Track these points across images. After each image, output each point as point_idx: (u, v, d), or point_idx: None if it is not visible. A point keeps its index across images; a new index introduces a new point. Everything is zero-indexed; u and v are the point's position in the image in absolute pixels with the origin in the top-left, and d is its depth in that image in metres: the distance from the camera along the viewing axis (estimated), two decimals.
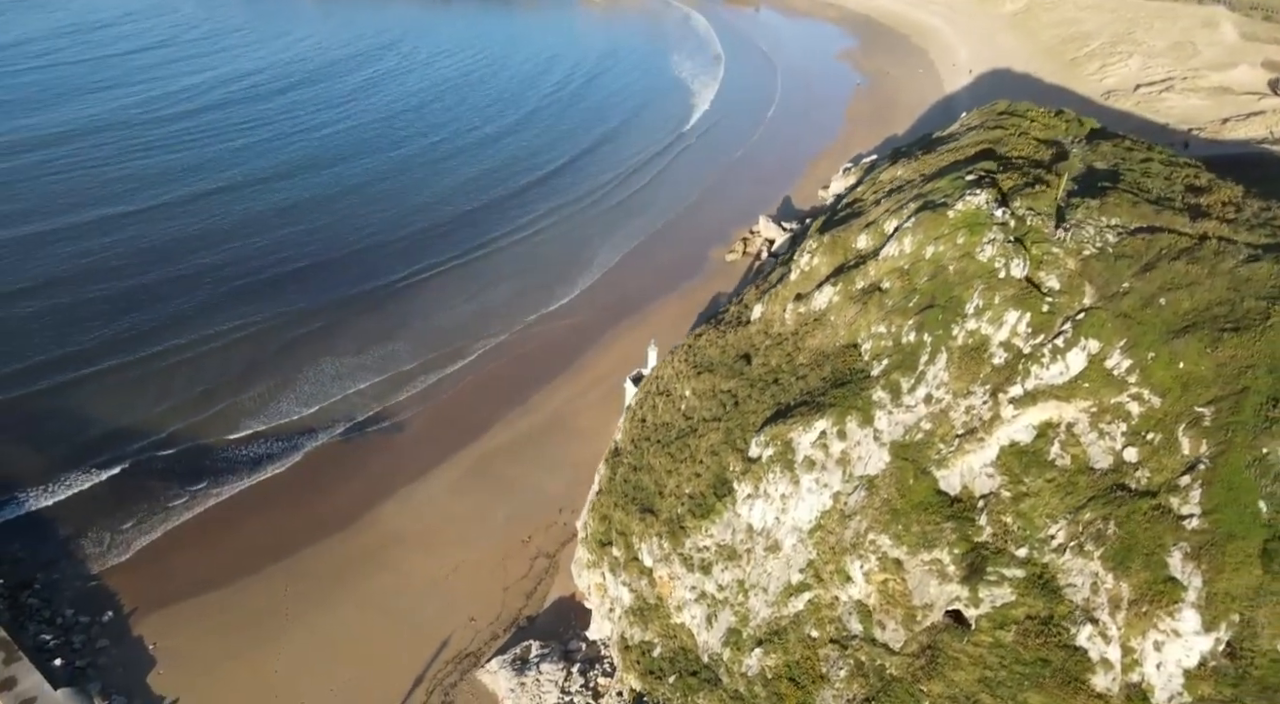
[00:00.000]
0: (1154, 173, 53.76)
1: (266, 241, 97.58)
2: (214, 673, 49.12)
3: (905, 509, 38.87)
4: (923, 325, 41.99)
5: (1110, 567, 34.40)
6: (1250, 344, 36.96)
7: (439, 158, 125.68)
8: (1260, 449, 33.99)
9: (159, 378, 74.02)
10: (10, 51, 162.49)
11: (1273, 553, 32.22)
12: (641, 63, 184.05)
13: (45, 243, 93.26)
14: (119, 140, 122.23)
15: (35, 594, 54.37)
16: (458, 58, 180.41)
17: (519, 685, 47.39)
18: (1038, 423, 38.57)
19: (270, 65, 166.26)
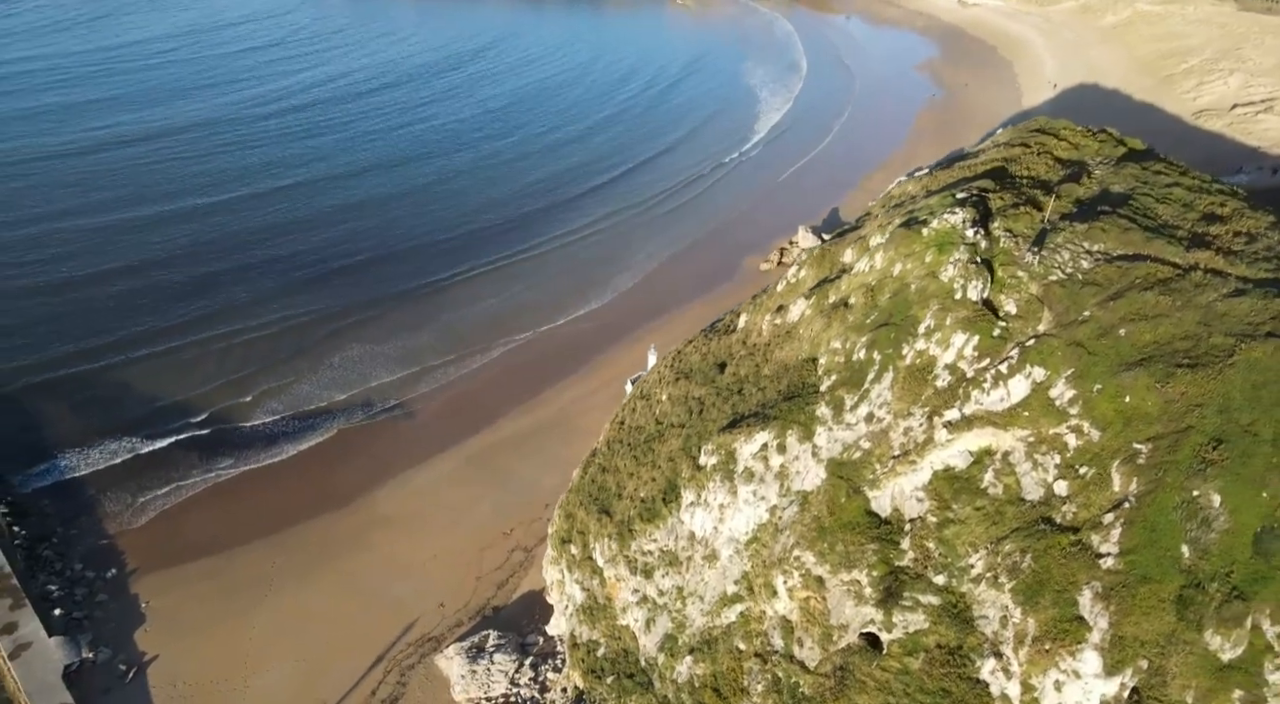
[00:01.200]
0: (1173, 198, 51.86)
1: (330, 236, 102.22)
2: (194, 635, 52.48)
3: (832, 527, 38.87)
4: (874, 343, 41.82)
5: (1020, 601, 33.78)
6: (1204, 382, 35.67)
7: (506, 161, 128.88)
8: (1191, 491, 32.90)
9: (212, 360, 78.73)
10: (131, 49, 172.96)
11: (1188, 600, 31.20)
12: (722, 70, 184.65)
13: (133, 230, 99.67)
14: (211, 136, 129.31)
15: (51, 547, 59.15)
16: (543, 64, 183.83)
17: (470, 673, 49.11)
18: (975, 449, 38.02)
19: (362, 68, 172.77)
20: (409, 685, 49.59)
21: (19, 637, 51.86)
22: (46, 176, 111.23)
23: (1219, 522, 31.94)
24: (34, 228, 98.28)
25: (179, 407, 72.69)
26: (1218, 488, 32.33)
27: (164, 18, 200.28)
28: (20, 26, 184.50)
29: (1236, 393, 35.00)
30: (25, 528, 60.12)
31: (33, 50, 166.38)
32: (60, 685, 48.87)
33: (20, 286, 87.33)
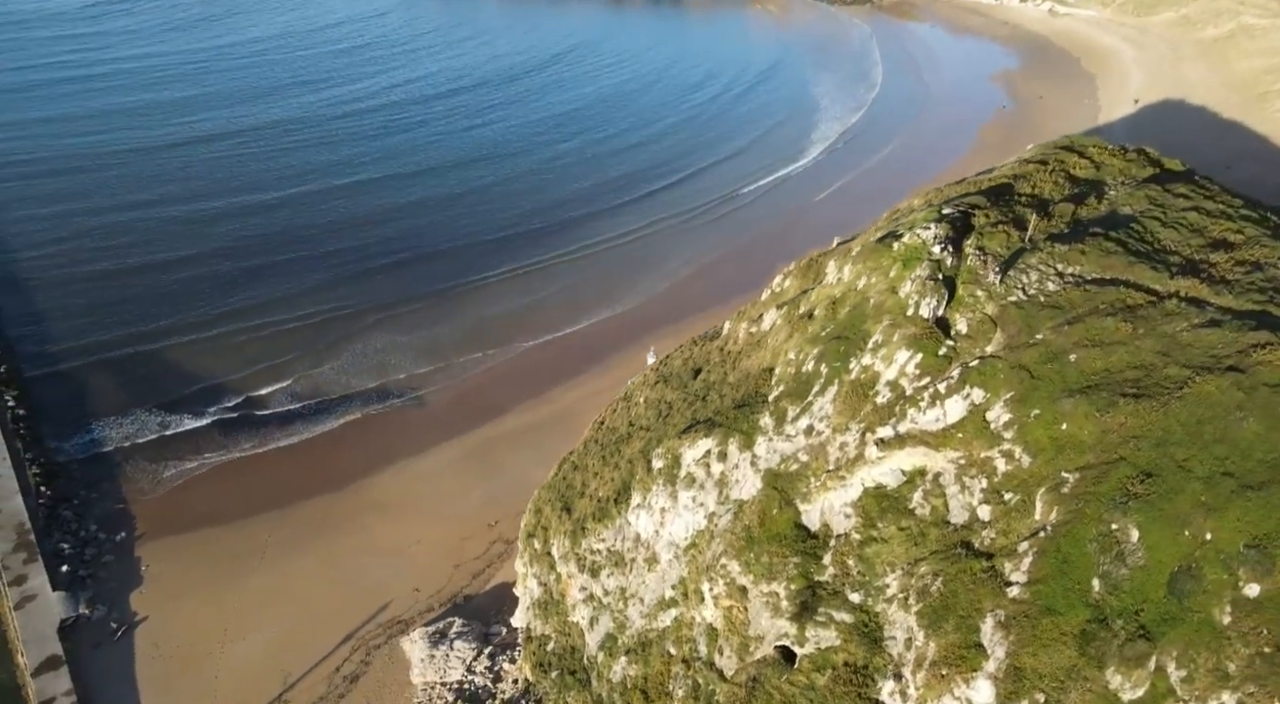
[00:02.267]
0: (1184, 223, 50.18)
1: (381, 234, 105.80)
2: (183, 600, 55.71)
3: (760, 538, 39.17)
4: (823, 356, 41.90)
5: (924, 624, 33.56)
6: (1146, 413, 34.78)
7: (562, 166, 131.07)
8: (1110, 524, 32.24)
9: (255, 346, 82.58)
10: (230, 49, 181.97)
11: (1092, 635, 30.60)
12: (796, 77, 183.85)
13: (201, 221, 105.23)
14: (286, 135, 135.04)
15: (72, 508, 63.51)
16: (618, 69, 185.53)
17: (429, 657, 50.92)
18: (909, 468, 37.85)
19: (441, 70, 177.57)
20: (372, 665, 51.71)
21: (26, 589, 56.09)
22: (132, 169, 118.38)
23: (1134, 557, 31.25)
24: (114, 216, 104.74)
25: (217, 389, 76.66)
26: (1137, 523, 31.62)
27: (267, 19, 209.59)
28: (137, 26, 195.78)
29: (1178, 426, 34.09)
30: (52, 489, 64.80)
31: (144, 49, 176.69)
32: (54, 638, 52.69)
33: (93, 270, 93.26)
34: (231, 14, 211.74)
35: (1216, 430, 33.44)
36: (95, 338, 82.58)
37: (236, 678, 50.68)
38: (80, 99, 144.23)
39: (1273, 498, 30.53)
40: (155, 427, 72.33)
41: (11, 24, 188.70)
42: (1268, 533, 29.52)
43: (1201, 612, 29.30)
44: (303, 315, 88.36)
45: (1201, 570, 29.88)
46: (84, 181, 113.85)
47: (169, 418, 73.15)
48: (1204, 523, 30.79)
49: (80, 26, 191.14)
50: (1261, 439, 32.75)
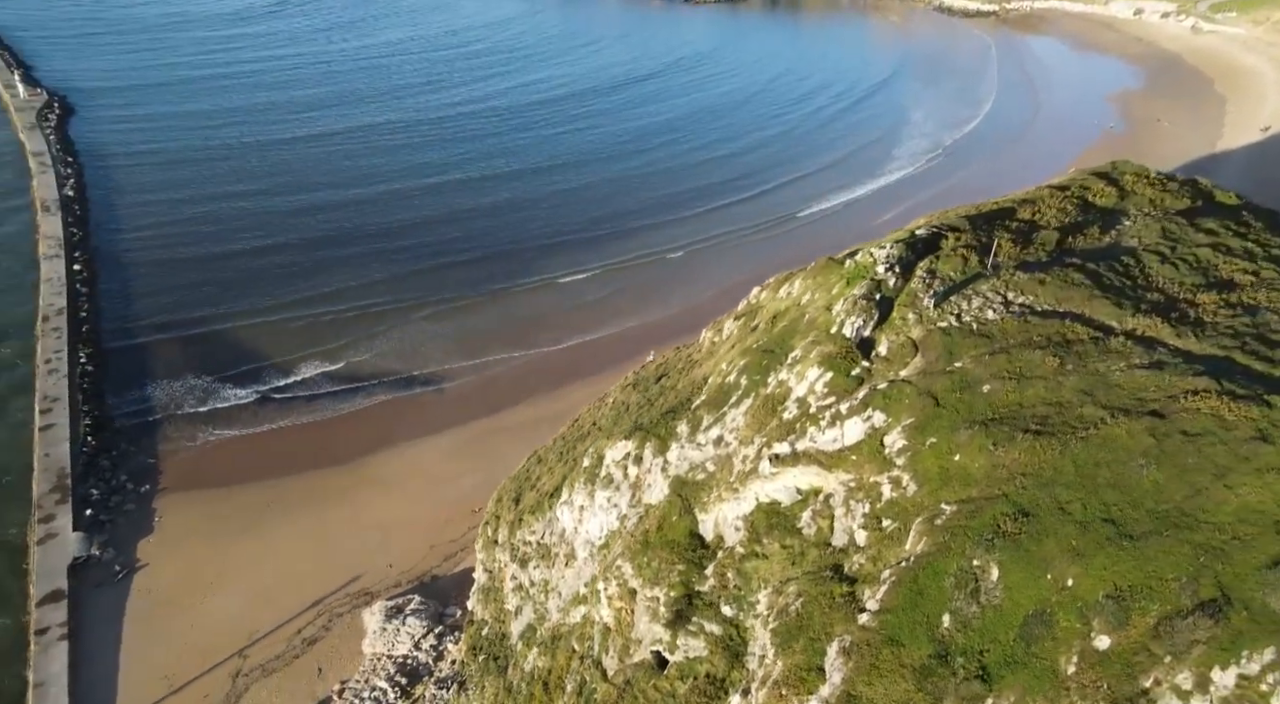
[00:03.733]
0: (1190, 259, 47.38)
1: (456, 233, 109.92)
2: (182, 550, 60.03)
3: (655, 543, 39.45)
4: (746, 368, 41.82)
5: (777, 642, 33.20)
6: (1042, 451, 33.37)
7: (644, 176, 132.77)
8: (972, 560, 31.25)
9: (316, 331, 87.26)
10: (360, 52, 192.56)
11: (930, 671, 29.73)
12: (903, 91, 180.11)
13: (292, 213, 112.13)
14: (388, 135, 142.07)
15: (110, 459, 69.35)
16: (726, 80, 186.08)
17: (381, 630, 53.27)
18: (805, 487, 37.45)
19: (551, 77, 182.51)
20: (331, 631, 54.46)
21: (52, 527, 61.84)
22: (241, 162, 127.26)
23: (990, 596, 30.20)
24: (215, 205, 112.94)
25: (268, 368, 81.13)
26: (999, 561, 30.53)
27: (402, 25, 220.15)
28: (283, 29, 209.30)
29: (1071, 468, 32.67)
30: (98, 440, 71.00)
31: (281, 51, 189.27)
32: (63, 573, 57.83)
33: (184, 253, 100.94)
34: (370, 20, 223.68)
35: (1112, 475, 31.95)
36: (171, 314, 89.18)
37: (209, 628, 54.38)
38: (214, 96, 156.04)
39: (1147, 550, 29.06)
40: (202, 397, 77.44)
41: (173, 26, 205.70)
42: (1132, 585, 28.17)
43: (1047, 659, 28.24)
44: (362, 306, 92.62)
45: (1055, 617, 28.74)
46: (196, 172, 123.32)
47: (217, 390, 78.12)
48: (1068, 568, 29.56)
49: (232, 28, 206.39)
50: (1157, 489, 31.15)
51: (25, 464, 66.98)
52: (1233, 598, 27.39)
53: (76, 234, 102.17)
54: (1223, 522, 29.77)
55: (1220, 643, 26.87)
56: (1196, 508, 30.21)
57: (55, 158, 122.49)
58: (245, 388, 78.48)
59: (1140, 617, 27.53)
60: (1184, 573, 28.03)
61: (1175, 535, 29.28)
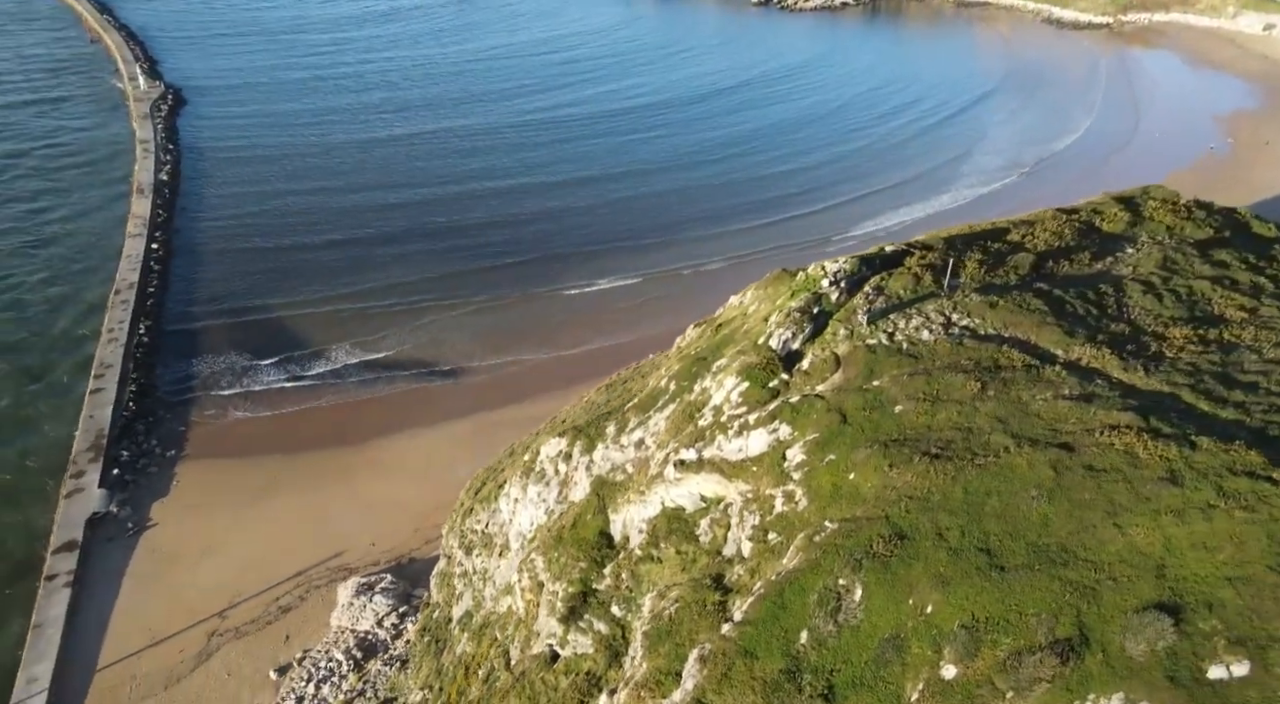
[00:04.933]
0: (1184, 291, 44.94)
1: (511, 235, 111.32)
2: (190, 514, 63.23)
3: (567, 539, 39.57)
4: (678, 374, 41.59)
5: (646, 645, 32.94)
6: (936, 476, 32.24)
7: (709, 187, 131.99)
8: (838, 579, 30.43)
9: (361, 322, 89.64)
10: (460, 56, 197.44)
11: (778, 686, 29.10)
12: (998, 107, 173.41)
13: (361, 210, 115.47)
14: (467, 138, 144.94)
15: (146, 424, 73.58)
16: (814, 92, 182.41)
17: (349, 605, 54.90)
18: (710, 494, 37.01)
19: (638, 85, 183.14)
20: (307, 601, 56.46)
21: (81, 482, 66.16)
22: (324, 160, 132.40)
23: (850, 617, 29.45)
24: (291, 199, 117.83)
25: (309, 355, 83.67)
26: (864, 582, 29.74)
27: (505, 30, 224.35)
28: (391, 34, 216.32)
29: (961, 494, 31.54)
30: (138, 406, 75.59)
31: (386, 54, 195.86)
32: (81, 526, 61.76)
33: (255, 244, 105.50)
34: (473, 26, 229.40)
35: (1001, 505, 30.78)
36: (230, 298, 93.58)
37: (199, 588, 57.17)
38: (311, 97, 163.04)
39: (1014, 583, 27.95)
40: (241, 376, 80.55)
41: (291, 29, 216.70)
42: (989, 617, 27.19)
43: (894, 684, 27.45)
44: (409, 301, 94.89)
45: (908, 642, 27.93)
46: (280, 168, 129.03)
47: (255, 371, 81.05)
48: (930, 595, 28.65)
49: (342, 32, 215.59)
50: (1044, 522, 29.90)
51: (72, 423, 71.86)
52: (1091, 639, 26.05)
53: (162, 216, 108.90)
54: (1103, 561, 28.31)
55: (1066, 683, 25.60)
56: (1079, 544, 28.78)
57: (158, 145, 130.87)
58: (281, 371, 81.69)
59: (990, 649, 26.44)
60: (1045, 609, 26.78)
61: (1048, 571, 27.97)
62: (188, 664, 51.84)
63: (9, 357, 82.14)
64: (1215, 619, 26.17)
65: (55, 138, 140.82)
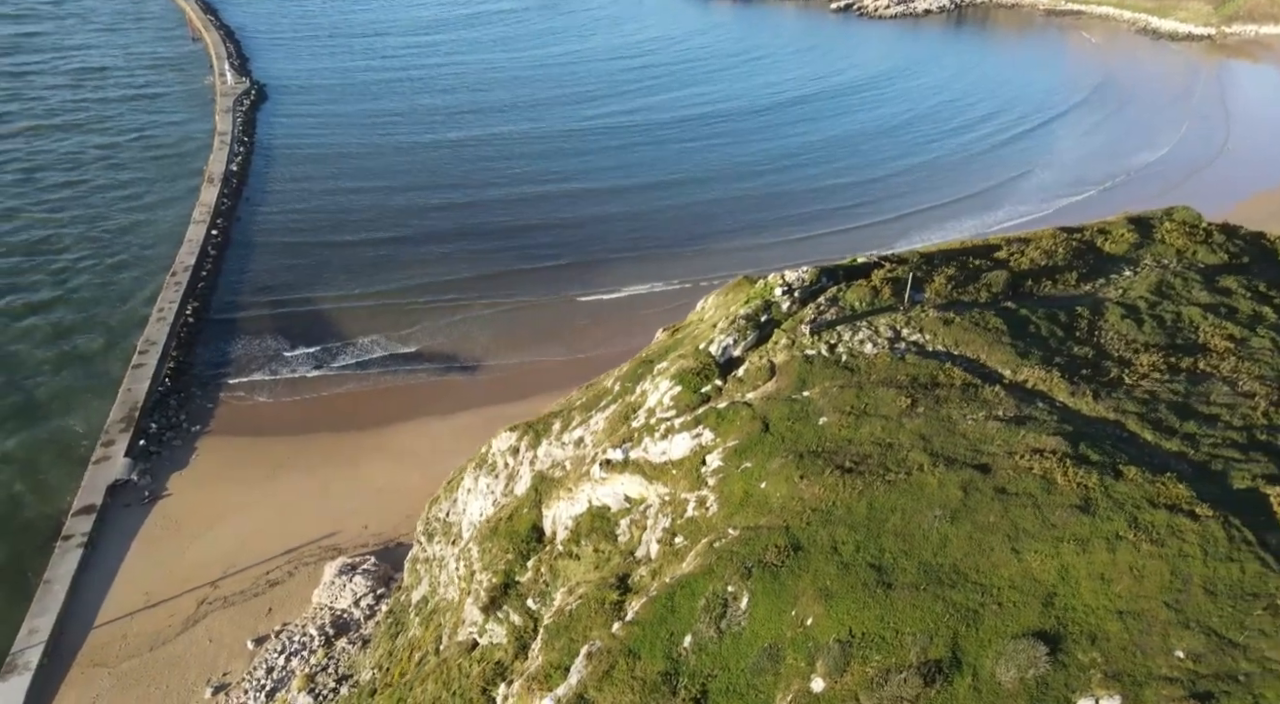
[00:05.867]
0: (1169, 317, 42.91)
1: (553, 239, 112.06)
2: (203, 486, 65.70)
3: (501, 531, 39.91)
4: (625, 375, 41.55)
5: (545, 638, 33.01)
6: (843, 489, 31.58)
7: (769, 196, 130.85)
8: (728, 586, 30.09)
9: (396, 317, 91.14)
10: (536, 60, 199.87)
11: (655, 687, 28.92)
12: (1080, 122, 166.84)
13: (420, 210, 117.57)
14: (535, 142, 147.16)
15: (177, 399, 77.09)
16: (890, 104, 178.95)
17: (331, 583, 56.33)
18: (635, 495, 36.89)
19: (708, 93, 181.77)
20: (294, 577, 58.14)
21: (109, 451, 69.53)
22: (389, 160, 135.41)
23: (734, 624, 29.18)
24: (350, 197, 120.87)
25: (340, 345, 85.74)
26: (752, 591, 29.42)
27: (581, 36, 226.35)
28: (473, 38, 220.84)
29: (864, 509, 30.92)
30: (174, 382, 79.30)
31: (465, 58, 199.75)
32: (101, 491, 64.83)
33: (305, 238, 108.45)
34: (552, 32, 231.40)
35: (901, 523, 30.12)
36: (275, 287, 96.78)
37: (197, 557, 59.50)
38: (384, 98, 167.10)
39: (897, 601, 27.43)
40: (273, 360, 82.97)
41: (376, 32, 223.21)
42: (865, 633, 26.83)
43: (765, 694, 27.25)
44: (446, 299, 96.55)
45: (784, 653, 27.63)
46: (344, 166, 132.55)
47: (287, 357, 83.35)
48: (812, 607, 28.29)
49: (425, 35, 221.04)
50: (942, 543, 29.23)
51: (112, 394, 75.78)
52: (964, 662, 25.39)
53: (226, 204, 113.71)
54: (993, 585, 27.50)
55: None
56: (972, 567, 27.96)
57: (234, 137, 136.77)
58: (310, 358, 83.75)
59: (860, 665, 25.96)
60: (923, 629, 26.16)
61: (934, 591, 27.26)
62: (175, 628, 53.94)
63: (77, 331, 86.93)
64: (1096, 652, 25.15)
65: (148, 131, 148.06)
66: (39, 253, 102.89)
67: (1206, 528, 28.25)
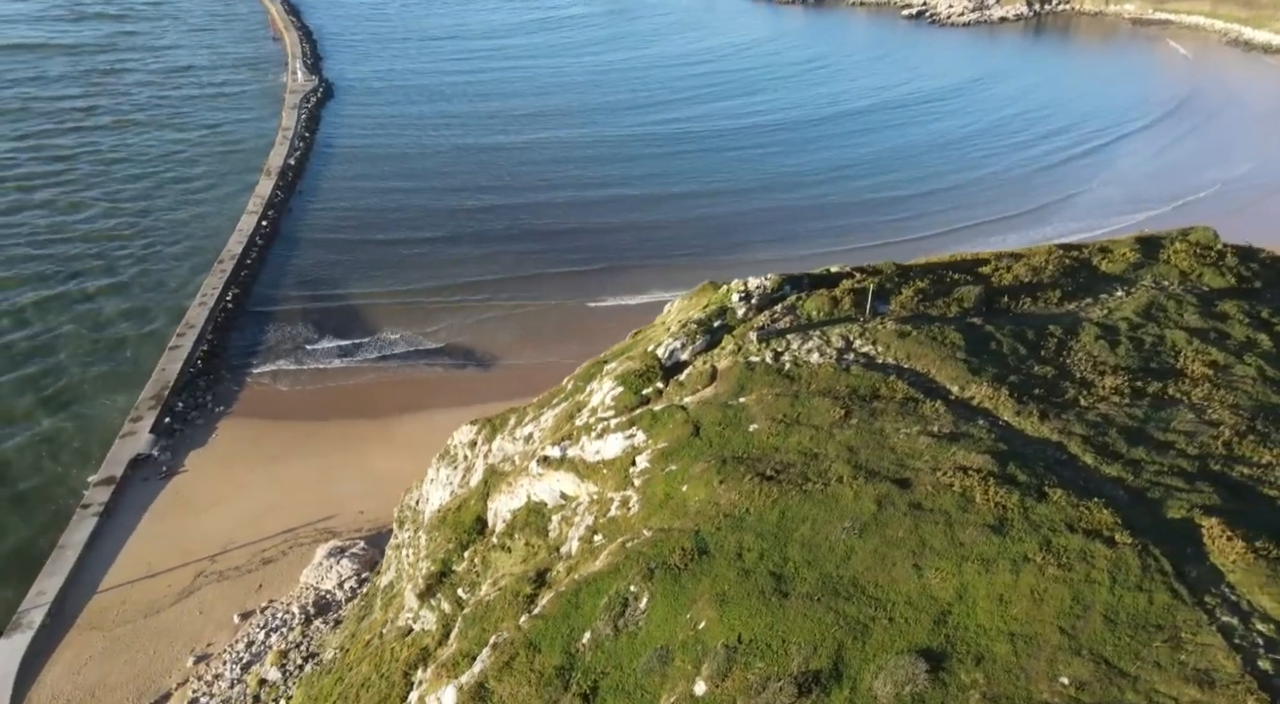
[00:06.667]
0: (1149, 340, 41.35)
1: (589, 243, 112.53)
2: (217, 464, 67.85)
3: (449, 521, 40.50)
4: (579, 374, 41.76)
5: (461, 628, 33.34)
6: (760, 496, 31.27)
7: (813, 208, 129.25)
8: (630, 585, 30.10)
9: (425, 314, 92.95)
10: (603, 67, 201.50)
11: (550, 679, 29.04)
12: (1154, 140, 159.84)
13: (462, 212, 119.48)
14: (586, 148, 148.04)
15: (206, 380, 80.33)
16: (956, 116, 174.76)
17: (320, 564, 57.66)
18: (571, 492, 37.07)
19: (768, 102, 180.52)
20: (287, 557, 59.72)
21: (136, 426, 72.61)
22: (439, 162, 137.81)
23: (632, 623, 29.23)
24: (398, 197, 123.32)
25: (367, 339, 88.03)
26: (652, 592, 29.43)
27: (647, 42, 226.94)
28: (543, 43, 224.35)
29: (775, 517, 30.66)
30: (206, 364, 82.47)
31: (534, 63, 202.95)
32: (123, 464, 67.72)
33: (351, 235, 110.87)
34: (621, 37, 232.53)
35: (809, 533, 29.85)
36: (315, 280, 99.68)
37: (201, 531, 61.59)
38: (448, 102, 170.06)
39: (789, 610, 27.35)
40: (303, 348, 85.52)
41: (449, 37, 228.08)
42: (752, 639, 26.80)
43: (651, 695, 27.39)
44: (477, 298, 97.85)
45: (674, 655, 27.69)
46: (399, 166, 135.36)
47: (317, 347, 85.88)
48: (706, 611, 28.28)
49: (495, 40, 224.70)
50: (846, 555, 28.99)
51: (148, 374, 79.31)
52: (844, 675, 25.18)
53: (279, 197, 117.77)
54: (888, 600, 27.14)
55: None
56: (871, 581, 27.58)
57: (296, 133, 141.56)
58: (336, 350, 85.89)
59: (741, 671, 25.91)
60: (809, 639, 26.02)
61: (829, 602, 27.01)
62: (170, 598, 56.05)
63: (129, 315, 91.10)
64: (979, 673, 24.59)
65: (221, 127, 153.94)
66: (106, 240, 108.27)
67: (1121, 555, 27.22)
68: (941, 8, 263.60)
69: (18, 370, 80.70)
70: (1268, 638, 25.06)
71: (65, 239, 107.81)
